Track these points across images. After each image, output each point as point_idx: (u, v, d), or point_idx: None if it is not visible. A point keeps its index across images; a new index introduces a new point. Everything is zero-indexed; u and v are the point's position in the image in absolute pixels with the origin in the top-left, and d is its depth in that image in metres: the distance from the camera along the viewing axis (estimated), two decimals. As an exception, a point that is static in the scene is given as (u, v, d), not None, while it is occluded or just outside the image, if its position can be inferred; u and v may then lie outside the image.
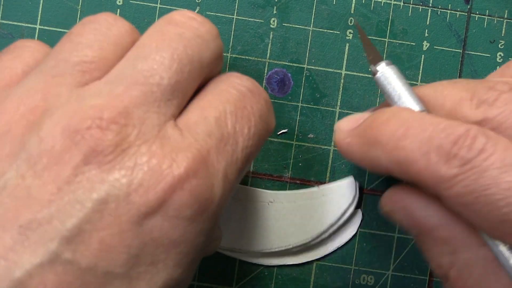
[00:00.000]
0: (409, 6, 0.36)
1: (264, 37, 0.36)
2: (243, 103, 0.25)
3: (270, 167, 0.36)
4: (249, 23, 0.36)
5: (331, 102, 0.36)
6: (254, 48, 0.36)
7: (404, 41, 0.36)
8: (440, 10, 0.36)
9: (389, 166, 0.26)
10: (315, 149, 0.36)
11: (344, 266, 0.36)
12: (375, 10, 0.36)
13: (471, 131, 0.24)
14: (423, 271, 0.36)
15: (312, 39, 0.36)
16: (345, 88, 0.36)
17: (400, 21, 0.36)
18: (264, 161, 0.36)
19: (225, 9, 0.36)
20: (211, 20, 0.36)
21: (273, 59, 0.36)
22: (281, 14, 0.36)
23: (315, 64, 0.36)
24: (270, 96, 0.36)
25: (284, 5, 0.36)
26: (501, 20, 0.36)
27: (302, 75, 0.36)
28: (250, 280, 0.36)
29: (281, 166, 0.36)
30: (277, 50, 0.36)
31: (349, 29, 0.36)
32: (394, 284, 0.36)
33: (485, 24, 0.36)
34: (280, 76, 0.36)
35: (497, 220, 0.24)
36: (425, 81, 0.36)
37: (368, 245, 0.36)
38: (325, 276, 0.36)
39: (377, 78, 0.29)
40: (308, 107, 0.36)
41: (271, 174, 0.36)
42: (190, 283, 0.35)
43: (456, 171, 0.24)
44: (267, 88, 0.36)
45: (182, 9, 0.36)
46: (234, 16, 0.36)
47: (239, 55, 0.36)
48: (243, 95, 0.25)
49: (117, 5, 0.36)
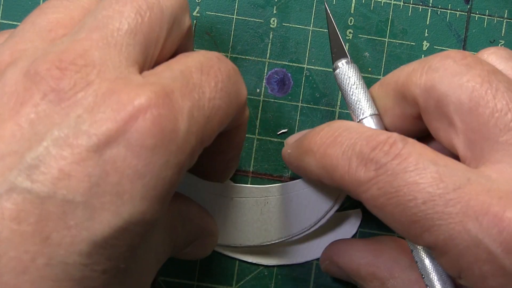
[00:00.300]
0: (409, 6, 0.36)
1: (264, 37, 0.36)
2: (211, 63, 0.26)
3: (270, 167, 0.36)
4: (249, 23, 0.36)
5: (331, 102, 0.36)
6: (254, 48, 0.36)
7: (404, 41, 0.36)
8: (440, 10, 0.36)
9: (318, 173, 0.28)
10: (315, 149, 0.36)
11: (344, 266, 0.36)
12: (375, 10, 0.36)
13: (391, 138, 0.26)
14: (423, 271, 0.36)
15: (312, 39, 0.36)
16: (345, 88, 0.36)
17: (400, 21, 0.36)
18: (264, 161, 0.36)
19: (225, 9, 0.36)
20: (211, 20, 0.36)
21: (273, 59, 0.36)
22: (281, 14, 0.36)
23: (315, 64, 0.36)
24: (270, 96, 0.36)
25: (284, 5, 0.36)
26: (501, 20, 0.36)
27: (302, 75, 0.36)
28: (250, 280, 0.36)
29: (281, 166, 0.36)
30: (277, 50, 0.36)
31: (349, 29, 0.36)
32: (394, 284, 0.36)
33: (485, 24, 0.36)
34: (280, 76, 0.36)
35: (408, 221, 0.25)
36: (425, 81, 0.36)
37: (368, 245, 0.36)
38: (325, 276, 0.36)
39: (336, 75, 0.31)
40: (308, 107, 0.36)
41: (271, 174, 0.36)
42: (190, 283, 0.35)
43: (372, 174, 0.25)
44: (267, 88, 0.36)
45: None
46: (234, 16, 0.36)
47: (239, 55, 0.36)
48: (209, 58, 0.26)
49: (117, 5, 0.36)
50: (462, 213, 0.24)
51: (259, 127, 0.36)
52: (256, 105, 0.36)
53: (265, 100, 0.36)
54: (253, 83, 0.36)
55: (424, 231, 0.24)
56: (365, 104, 0.30)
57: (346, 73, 0.30)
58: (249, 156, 0.36)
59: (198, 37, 0.36)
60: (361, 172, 0.26)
